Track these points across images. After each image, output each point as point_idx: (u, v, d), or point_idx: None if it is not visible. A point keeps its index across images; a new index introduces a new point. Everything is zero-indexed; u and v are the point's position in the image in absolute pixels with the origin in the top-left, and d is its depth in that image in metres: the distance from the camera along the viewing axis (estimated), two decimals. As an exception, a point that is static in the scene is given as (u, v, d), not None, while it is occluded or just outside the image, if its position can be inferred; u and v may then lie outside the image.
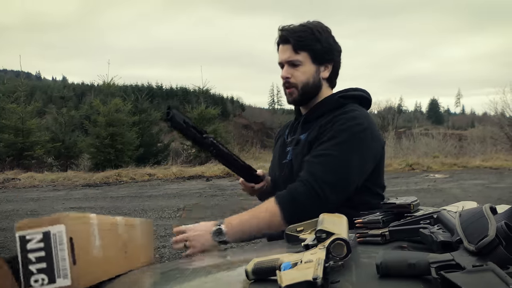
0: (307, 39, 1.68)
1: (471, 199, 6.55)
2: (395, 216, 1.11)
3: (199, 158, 18.84)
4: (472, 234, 0.73)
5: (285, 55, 1.70)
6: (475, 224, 0.75)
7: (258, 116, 59.72)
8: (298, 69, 1.69)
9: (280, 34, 1.72)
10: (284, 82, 1.72)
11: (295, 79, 1.69)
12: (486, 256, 0.69)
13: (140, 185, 12.75)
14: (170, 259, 5.18)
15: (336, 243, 0.81)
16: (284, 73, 1.70)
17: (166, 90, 64.56)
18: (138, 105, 21.08)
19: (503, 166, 14.99)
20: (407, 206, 1.10)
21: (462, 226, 0.76)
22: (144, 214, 7.85)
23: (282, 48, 1.71)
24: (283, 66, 1.72)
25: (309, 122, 1.73)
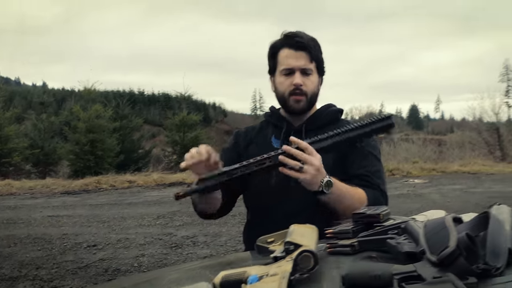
0: (318, 50, 1.72)
1: (449, 204, 6.69)
2: (365, 226, 1.11)
3: (180, 164, 18.75)
4: (434, 245, 0.74)
5: (300, 62, 1.67)
6: (438, 235, 0.76)
7: (241, 122, 59.72)
8: (309, 78, 1.69)
9: (296, 40, 1.68)
10: (294, 88, 1.68)
11: (306, 87, 1.69)
12: (448, 267, 0.70)
13: (120, 192, 12.63)
14: (149, 268, 5.14)
15: (304, 255, 0.81)
16: (298, 79, 1.67)
17: (148, 96, 64.19)
18: (119, 111, 20.92)
19: (481, 171, 15.23)
20: (377, 216, 1.11)
21: (426, 236, 0.78)
22: (123, 222, 7.78)
23: (296, 54, 1.68)
24: (289, 72, 1.68)
25: (310, 130, 1.71)
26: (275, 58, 1.74)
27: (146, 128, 33.33)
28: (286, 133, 1.75)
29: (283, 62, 1.70)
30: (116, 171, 16.74)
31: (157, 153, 22.86)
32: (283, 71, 1.69)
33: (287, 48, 1.69)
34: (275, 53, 1.74)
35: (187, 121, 19.91)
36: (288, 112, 1.76)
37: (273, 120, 1.83)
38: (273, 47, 1.75)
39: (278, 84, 1.73)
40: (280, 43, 1.72)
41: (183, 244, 6.11)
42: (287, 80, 1.69)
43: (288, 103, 1.71)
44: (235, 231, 6.28)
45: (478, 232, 0.82)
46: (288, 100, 1.70)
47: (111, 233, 6.94)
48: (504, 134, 21.61)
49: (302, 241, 0.87)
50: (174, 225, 7.43)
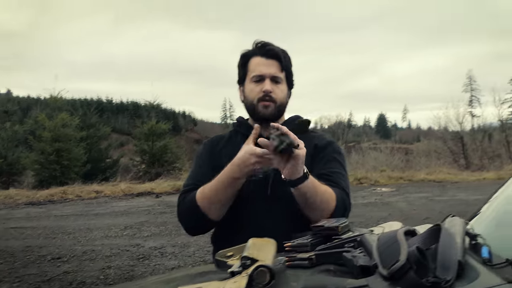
0: (288, 61, 1.75)
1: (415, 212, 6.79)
2: (324, 239, 1.12)
3: (149, 174, 18.56)
4: (386, 258, 0.75)
5: (271, 69, 1.69)
6: (389, 249, 0.77)
7: (210, 131, 59.62)
8: (278, 87, 1.70)
9: (267, 48, 1.71)
10: (264, 95, 1.68)
11: (275, 95, 1.69)
12: (398, 281, 0.71)
13: (86, 202, 12.40)
14: (115, 281, 5.05)
15: (259, 271, 0.81)
16: (268, 86, 1.67)
17: (116, 104, 63.50)
18: (86, 119, 20.59)
19: (446, 179, 15.59)
20: (335, 228, 1.12)
21: (379, 250, 0.79)
22: (89, 233, 7.64)
23: (267, 62, 1.70)
24: (260, 79, 1.69)
25: None
26: (246, 67, 1.74)
27: (114, 136, 32.92)
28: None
29: (253, 69, 1.71)
30: (83, 181, 16.44)
31: (126, 162, 22.59)
32: (254, 77, 1.70)
33: (258, 56, 1.71)
34: (246, 61, 1.74)
35: (156, 130, 19.76)
36: (256, 119, 1.73)
37: (242, 130, 1.80)
38: (244, 56, 1.75)
39: (248, 92, 1.72)
40: (251, 52, 1.74)
41: (150, 255, 6.03)
42: (257, 87, 1.69)
43: (256, 109, 1.70)
44: (204, 242, 6.23)
45: (430, 245, 0.84)
46: (257, 106, 1.70)
47: (77, 245, 6.81)
48: (468, 143, 22.15)
49: (259, 255, 0.87)
50: (141, 236, 7.34)
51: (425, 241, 0.83)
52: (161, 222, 8.58)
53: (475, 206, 6.13)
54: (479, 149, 21.89)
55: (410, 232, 0.87)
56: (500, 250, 0.91)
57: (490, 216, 1.24)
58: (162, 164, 19.56)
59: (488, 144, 23.14)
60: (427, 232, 0.85)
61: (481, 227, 1.08)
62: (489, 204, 1.33)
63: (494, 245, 0.91)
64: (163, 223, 8.39)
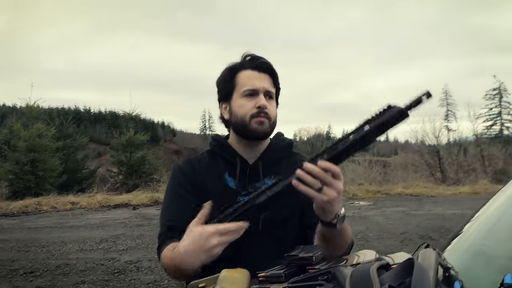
0: (278, 77, 1.64)
1: (392, 227, 6.84)
2: (298, 269, 1.10)
3: (126, 185, 18.38)
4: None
5: (265, 83, 1.56)
6: (362, 286, 0.76)
7: (189, 141, 59.55)
8: (271, 103, 1.57)
9: (260, 61, 1.59)
10: (258, 111, 1.52)
11: (269, 111, 1.55)
12: (370, 321, 0.70)
13: (61, 214, 12.20)
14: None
15: (230, 306, 0.79)
16: (263, 101, 1.53)
17: (94, 114, 63.01)
18: (63, 129, 20.31)
19: (422, 193, 15.80)
20: (310, 258, 1.09)
21: (351, 287, 0.78)
22: (64, 246, 7.50)
23: (259, 76, 1.56)
24: (252, 94, 1.54)
25: (265, 166, 1.58)
26: (234, 81, 1.57)
27: (91, 146, 32.61)
28: (241, 172, 1.58)
29: (245, 83, 1.55)
30: (58, 192, 16.21)
31: (103, 173, 22.34)
32: (246, 91, 1.54)
33: (249, 70, 1.57)
34: (233, 75, 1.58)
35: (134, 141, 19.60)
36: (248, 137, 1.58)
37: (224, 155, 1.62)
38: (231, 69, 1.59)
39: (238, 108, 1.55)
40: (239, 65, 1.59)
41: (126, 270, 5.94)
42: (249, 102, 1.53)
43: (249, 126, 1.53)
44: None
45: (404, 279, 0.83)
46: (249, 123, 1.53)
47: (50, 258, 6.68)
48: (444, 157, 22.46)
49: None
50: (117, 250, 7.23)
51: (398, 276, 0.82)
52: (138, 235, 8.48)
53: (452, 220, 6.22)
54: (455, 163, 22.23)
55: (383, 266, 0.87)
56: (473, 285, 0.91)
57: (466, 245, 1.24)
58: (140, 175, 19.39)
59: (464, 158, 23.51)
60: (400, 266, 0.84)
61: (456, 257, 1.08)
62: (466, 229, 1.33)
63: (468, 279, 0.91)
64: (139, 236, 8.29)
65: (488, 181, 18.63)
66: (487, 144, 25.18)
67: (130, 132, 19.88)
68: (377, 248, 6.63)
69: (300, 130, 51.16)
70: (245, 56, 1.60)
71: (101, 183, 20.10)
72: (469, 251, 1.20)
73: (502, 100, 47.09)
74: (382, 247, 6.68)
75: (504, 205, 1.32)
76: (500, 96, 47.03)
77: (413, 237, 7.54)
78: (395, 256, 1.09)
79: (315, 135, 50.47)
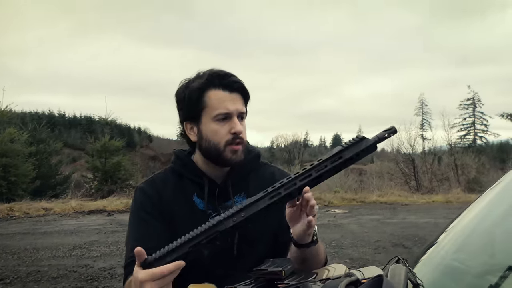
0: (249, 96, 1.51)
1: (366, 235, 6.91)
2: (267, 284, 1.09)
3: (101, 191, 18.14)
4: (328, 314, 0.75)
5: (238, 105, 1.45)
6: (332, 303, 0.77)
7: (166, 147, 59.04)
8: (243, 124, 1.47)
9: (232, 79, 1.46)
10: (233, 137, 1.43)
11: (243, 135, 1.46)
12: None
13: (34, 220, 11.96)
14: (61, 304, 4.88)
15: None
16: (239, 127, 1.43)
17: (69, 118, 62.20)
18: (36, 134, 19.95)
19: (397, 201, 16.00)
20: (279, 273, 1.08)
21: (321, 304, 0.78)
22: (36, 253, 7.35)
23: (231, 97, 1.44)
24: (225, 118, 1.43)
25: (234, 184, 1.53)
26: (202, 101, 1.44)
27: (66, 152, 32.10)
28: (210, 193, 1.50)
29: (217, 105, 1.42)
30: (31, 197, 15.89)
31: (77, 178, 22.00)
32: (218, 116, 1.43)
33: (219, 90, 1.43)
34: (201, 95, 1.44)
35: (109, 147, 19.37)
36: (221, 165, 1.50)
37: (190, 175, 1.54)
38: (198, 89, 1.45)
39: (211, 133, 1.44)
40: (208, 83, 1.44)
41: (99, 277, 5.87)
42: (223, 128, 1.43)
43: (223, 155, 1.44)
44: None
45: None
46: (224, 151, 1.44)
47: (21, 265, 6.54)
48: (419, 166, 22.78)
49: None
50: (91, 256, 7.13)
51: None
52: (112, 241, 8.37)
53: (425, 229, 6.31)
54: (429, 172, 22.57)
55: (353, 283, 0.88)
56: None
57: (436, 261, 1.25)
58: (115, 181, 19.17)
59: (438, 167, 23.89)
60: (369, 283, 0.85)
61: (426, 273, 1.09)
62: (437, 244, 1.35)
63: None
64: (114, 243, 8.19)
65: (461, 190, 18.98)
66: (460, 153, 25.63)
67: (105, 138, 19.64)
68: (351, 256, 6.71)
69: (277, 137, 51.24)
70: (213, 73, 1.47)
71: (76, 189, 19.77)
72: (440, 266, 1.21)
73: (475, 110, 48.14)
74: (356, 254, 6.73)
75: (477, 218, 1.34)
76: (474, 106, 48.10)
77: (387, 245, 7.63)
78: (366, 270, 1.10)
79: (292, 142, 50.61)
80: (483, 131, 48.10)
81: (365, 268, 1.14)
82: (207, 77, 1.46)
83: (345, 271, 1.15)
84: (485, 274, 1.02)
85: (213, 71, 1.47)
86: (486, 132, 47.90)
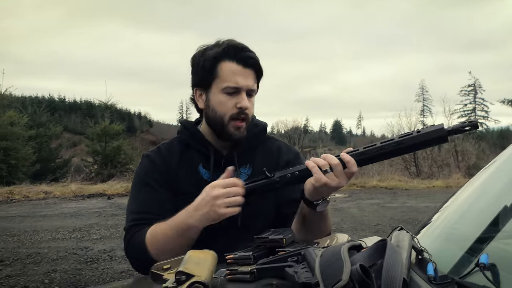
0: (262, 73, 1.50)
1: (366, 219, 6.88)
2: (268, 251, 1.07)
3: (101, 175, 18.16)
4: (329, 277, 0.72)
5: (249, 81, 1.43)
6: (333, 266, 0.73)
7: (166, 132, 59.06)
8: (251, 101, 1.46)
9: (247, 55, 1.44)
10: (238, 112, 1.42)
11: (249, 111, 1.45)
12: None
13: (34, 203, 11.98)
14: (61, 285, 4.87)
15: (194, 287, 0.76)
16: (246, 102, 1.42)
17: (69, 103, 62.20)
18: (36, 118, 19.93)
19: (397, 186, 16.00)
20: (280, 240, 1.06)
21: (321, 267, 0.75)
22: (36, 235, 7.35)
23: (244, 72, 1.43)
24: (234, 92, 1.42)
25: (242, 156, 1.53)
26: (215, 71, 1.43)
27: (66, 136, 32.11)
28: (215, 164, 1.50)
29: (228, 78, 1.41)
30: (31, 181, 15.92)
31: (77, 162, 22.03)
32: (227, 89, 1.42)
33: (233, 63, 1.42)
34: (215, 64, 1.43)
35: (109, 131, 19.36)
36: (223, 139, 1.49)
37: (195, 145, 1.53)
38: (214, 58, 1.43)
39: (217, 104, 1.44)
40: (223, 54, 1.43)
41: (99, 259, 5.86)
42: (230, 101, 1.42)
43: (226, 129, 1.44)
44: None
45: (376, 260, 0.81)
46: (228, 125, 1.43)
47: (21, 247, 6.54)
48: (419, 152, 22.73)
49: (196, 270, 0.81)
50: (90, 239, 7.13)
51: (370, 257, 0.80)
52: (112, 224, 8.37)
53: (425, 213, 6.31)
54: (429, 158, 22.53)
55: (355, 247, 0.84)
56: (447, 267, 0.89)
57: (438, 229, 1.23)
58: (115, 165, 19.19)
59: (438, 153, 23.84)
60: (373, 247, 0.82)
61: (429, 241, 1.06)
62: (438, 216, 1.32)
63: (441, 261, 0.89)
64: (114, 226, 8.19)
65: (461, 176, 18.94)
66: (460, 139, 25.60)
67: (105, 122, 19.62)
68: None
69: (277, 122, 51.11)
70: (231, 45, 1.45)
71: (76, 172, 19.81)
72: (441, 235, 1.19)
73: (476, 97, 47.98)
74: (356, 238, 6.72)
75: (474, 194, 1.32)
76: (474, 93, 47.93)
77: (387, 229, 7.61)
78: (368, 240, 1.07)
79: (293, 128, 50.55)
80: (483, 117, 47.98)
81: (368, 238, 1.11)
82: (224, 47, 1.44)
83: (347, 239, 1.12)
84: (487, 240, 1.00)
85: (231, 43, 1.46)
86: (486, 118, 47.80)
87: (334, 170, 1.21)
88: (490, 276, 0.75)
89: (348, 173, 1.23)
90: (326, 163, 1.21)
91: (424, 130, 1.14)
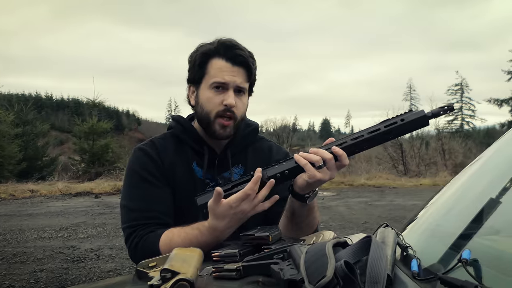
0: (255, 68, 1.49)
1: (354, 217, 6.91)
2: (253, 248, 1.07)
3: (89, 173, 18.04)
4: (313, 273, 0.72)
5: (237, 78, 1.42)
6: (317, 263, 0.73)
7: (155, 130, 58.77)
8: (241, 99, 1.45)
9: (236, 52, 1.43)
10: (224, 109, 1.41)
11: (237, 110, 1.43)
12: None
13: (20, 202, 11.87)
14: (47, 284, 4.83)
15: (179, 284, 0.76)
16: (232, 99, 1.40)
17: (56, 100, 61.66)
18: (22, 116, 19.72)
19: (385, 185, 16.11)
20: (265, 238, 1.06)
21: (306, 264, 0.75)
22: (22, 235, 7.29)
23: (232, 69, 1.42)
24: (221, 87, 1.42)
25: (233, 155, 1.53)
26: (204, 68, 1.44)
27: (53, 134, 31.86)
28: (209, 162, 1.49)
29: (215, 74, 1.42)
30: (17, 179, 15.77)
31: (64, 161, 21.86)
32: (214, 84, 1.42)
33: (222, 60, 1.43)
34: (205, 61, 1.44)
35: (97, 129, 19.23)
36: (210, 137, 1.49)
37: (190, 142, 1.52)
38: (204, 54, 1.45)
39: (205, 100, 1.44)
40: (213, 51, 1.44)
41: (86, 258, 5.82)
42: (216, 97, 1.42)
43: (212, 126, 1.44)
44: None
45: (361, 257, 0.81)
46: (213, 122, 1.43)
47: (7, 246, 6.48)
48: (406, 150, 22.91)
49: (181, 268, 0.81)
50: (77, 238, 7.08)
51: (355, 254, 0.80)
52: (99, 223, 8.33)
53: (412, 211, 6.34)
54: (417, 156, 22.71)
55: (341, 244, 0.84)
56: (431, 263, 0.90)
57: (423, 226, 1.24)
58: (103, 163, 19.07)
59: (425, 151, 24.04)
60: (358, 244, 0.82)
61: (414, 237, 1.07)
62: (423, 213, 1.33)
63: (425, 257, 0.90)
64: (101, 224, 8.15)
65: (448, 174, 19.12)
66: (448, 138, 25.82)
67: (93, 120, 19.48)
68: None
69: (266, 121, 51.14)
70: (221, 42, 1.45)
71: (63, 171, 19.66)
72: (426, 232, 1.20)
73: (463, 96, 48.41)
74: (343, 236, 6.75)
75: (458, 192, 1.34)
76: (461, 92, 48.34)
77: (375, 227, 7.58)
78: (354, 237, 1.08)
79: (281, 126, 50.59)
80: (470, 116, 48.48)
81: (354, 235, 1.12)
82: (215, 44, 1.45)
83: (333, 236, 1.12)
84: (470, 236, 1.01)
85: (222, 40, 1.46)
86: (473, 117, 48.29)
87: (328, 164, 1.23)
88: (472, 271, 0.76)
89: (340, 165, 1.25)
90: (319, 159, 1.21)
91: (408, 118, 1.20)
